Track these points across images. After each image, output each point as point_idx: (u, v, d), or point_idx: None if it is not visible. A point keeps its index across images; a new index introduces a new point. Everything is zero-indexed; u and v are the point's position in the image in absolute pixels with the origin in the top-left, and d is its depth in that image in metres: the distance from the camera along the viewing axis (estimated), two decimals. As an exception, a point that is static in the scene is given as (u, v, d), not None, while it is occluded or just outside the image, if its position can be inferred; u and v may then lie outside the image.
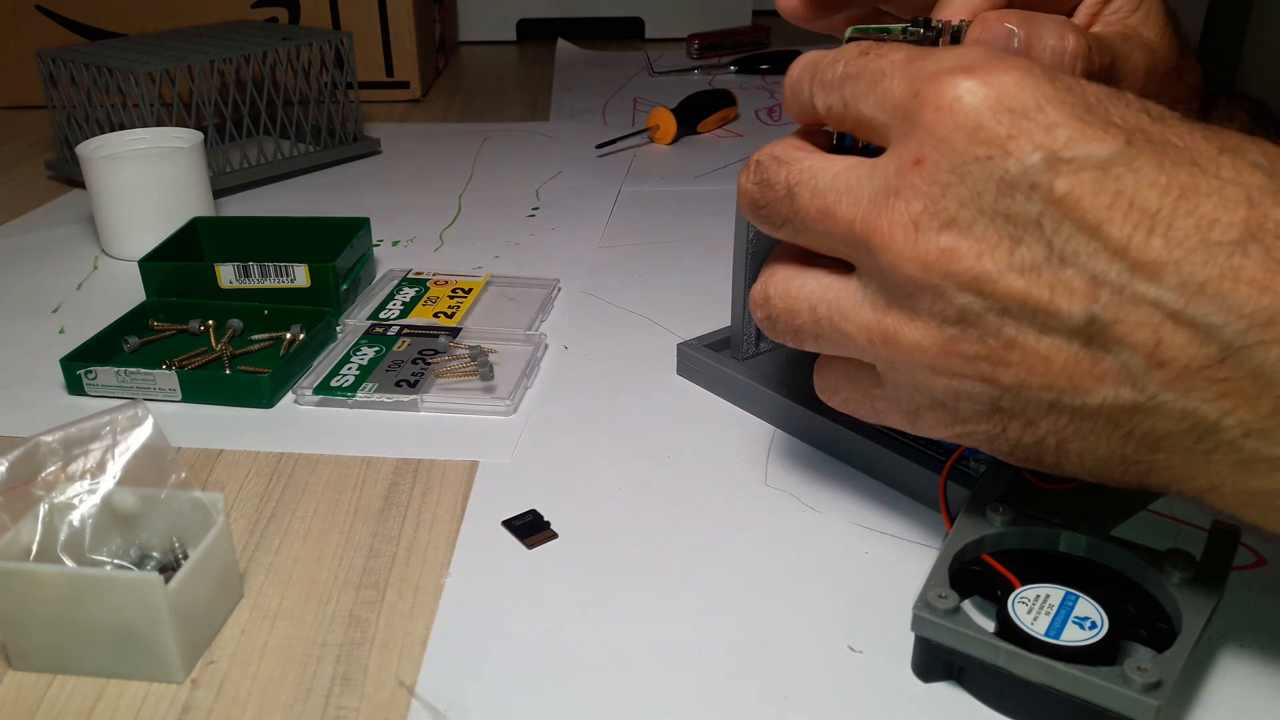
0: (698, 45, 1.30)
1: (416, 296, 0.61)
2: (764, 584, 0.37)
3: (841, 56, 0.31)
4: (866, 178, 0.29)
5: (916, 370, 0.30)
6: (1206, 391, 0.26)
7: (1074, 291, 0.26)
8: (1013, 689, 0.31)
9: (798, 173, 0.32)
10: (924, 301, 0.28)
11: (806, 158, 0.32)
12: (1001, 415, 0.29)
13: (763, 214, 0.33)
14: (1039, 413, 0.29)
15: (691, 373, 0.52)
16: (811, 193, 0.31)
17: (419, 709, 0.32)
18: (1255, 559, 0.38)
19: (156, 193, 0.68)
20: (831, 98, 0.31)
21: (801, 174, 0.31)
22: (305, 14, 1.09)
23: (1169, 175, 0.26)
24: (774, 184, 0.32)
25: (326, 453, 0.46)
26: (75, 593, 0.32)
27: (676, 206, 0.78)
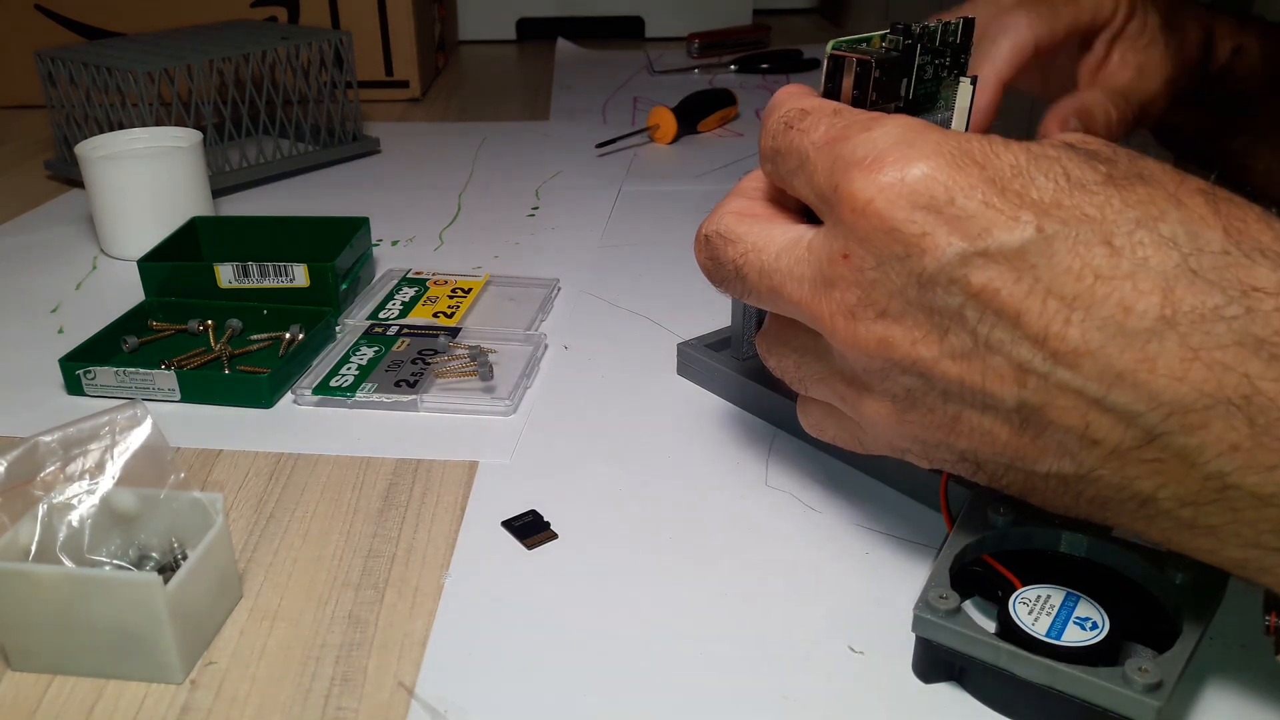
0: (698, 44, 1.29)
1: (416, 296, 0.61)
2: (764, 584, 0.37)
3: (769, 128, 0.33)
4: (805, 262, 0.31)
5: (887, 437, 0.32)
6: (1138, 469, 0.27)
7: (1003, 377, 0.27)
8: (1014, 690, 0.31)
9: (742, 252, 0.33)
10: (874, 380, 0.30)
11: (749, 233, 0.33)
12: (969, 464, 0.31)
13: (722, 287, 0.35)
14: (999, 470, 0.30)
15: (691, 373, 0.52)
16: (759, 273, 0.33)
17: (418, 709, 0.32)
18: (1256, 559, 0.38)
19: (155, 192, 0.68)
20: (768, 167, 0.33)
21: (746, 254, 0.33)
22: (304, 13, 1.09)
23: (1083, 260, 0.26)
24: (723, 263, 0.34)
25: (326, 453, 0.46)
26: (74, 593, 0.32)
27: (676, 206, 0.78)
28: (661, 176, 0.86)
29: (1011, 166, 0.27)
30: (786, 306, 0.32)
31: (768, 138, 0.33)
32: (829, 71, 0.36)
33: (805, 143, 0.31)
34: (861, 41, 0.36)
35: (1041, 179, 0.27)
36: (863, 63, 0.35)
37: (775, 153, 0.32)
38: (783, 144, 0.32)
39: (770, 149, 0.33)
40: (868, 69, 0.35)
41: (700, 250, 0.35)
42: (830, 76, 0.36)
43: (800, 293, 0.31)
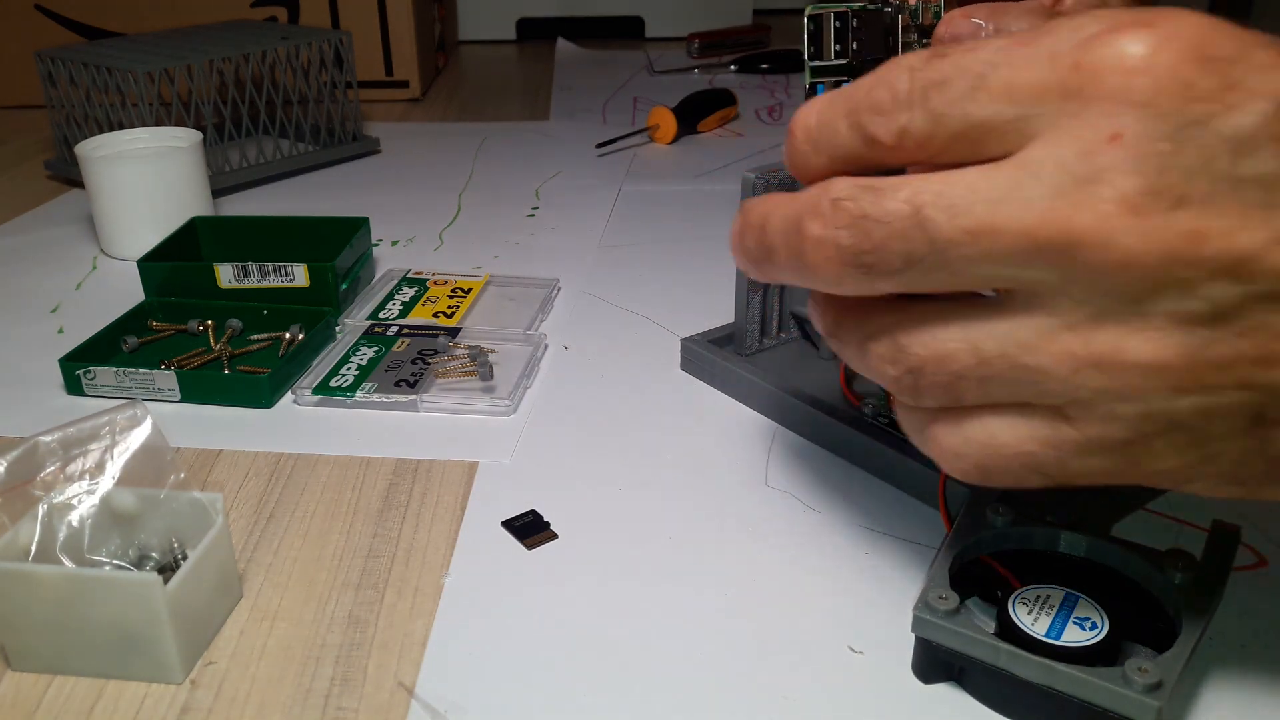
0: (698, 44, 1.29)
1: (416, 296, 0.61)
2: (764, 584, 0.37)
3: (895, 72, 0.25)
4: (1024, 179, 0.23)
5: (1149, 395, 0.24)
6: None
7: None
8: (1013, 690, 0.31)
9: (914, 193, 0.25)
10: (1162, 303, 0.23)
11: (915, 178, 0.25)
12: (1264, 427, 0.24)
13: (868, 262, 0.25)
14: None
15: (694, 368, 0.52)
16: (950, 213, 0.24)
17: (418, 710, 0.32)
18: (1255, 559, 0.38)
19: (155, 192, 0.68)
20: (908, 117, 0.25)
21: (924, 194, 0.25)
22: (304, 13, 1.09)
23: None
24: (884, 217, 0.25)
25: (326, 453, 0.46)
26: (74, 593, 0.32)
27: (676, 206, 0.78)
28: (661, 176, 0.86)
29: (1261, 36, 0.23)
30: (998, 244, 0.24)
31: (892, 88, 0.25)
32: (810, 34, 0.36)
33: (983, 54, 0.24)
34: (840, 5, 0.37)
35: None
36: (840, 15, 0.36)
37: (929, 88, 0.25)
38: (941, 72, 0.25)
39: (912, 91, 0.25)
40: (846, 19, 0.36)
41: (826, 223, 0.26)
42: (812, 39, 0.36)
43: (1026, 215, 0.23)
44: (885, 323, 0.27)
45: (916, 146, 0.25)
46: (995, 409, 0.27)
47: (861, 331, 0.28)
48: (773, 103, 1.08)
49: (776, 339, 0.52)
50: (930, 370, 0.26)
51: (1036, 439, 0.26)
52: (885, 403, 0.45)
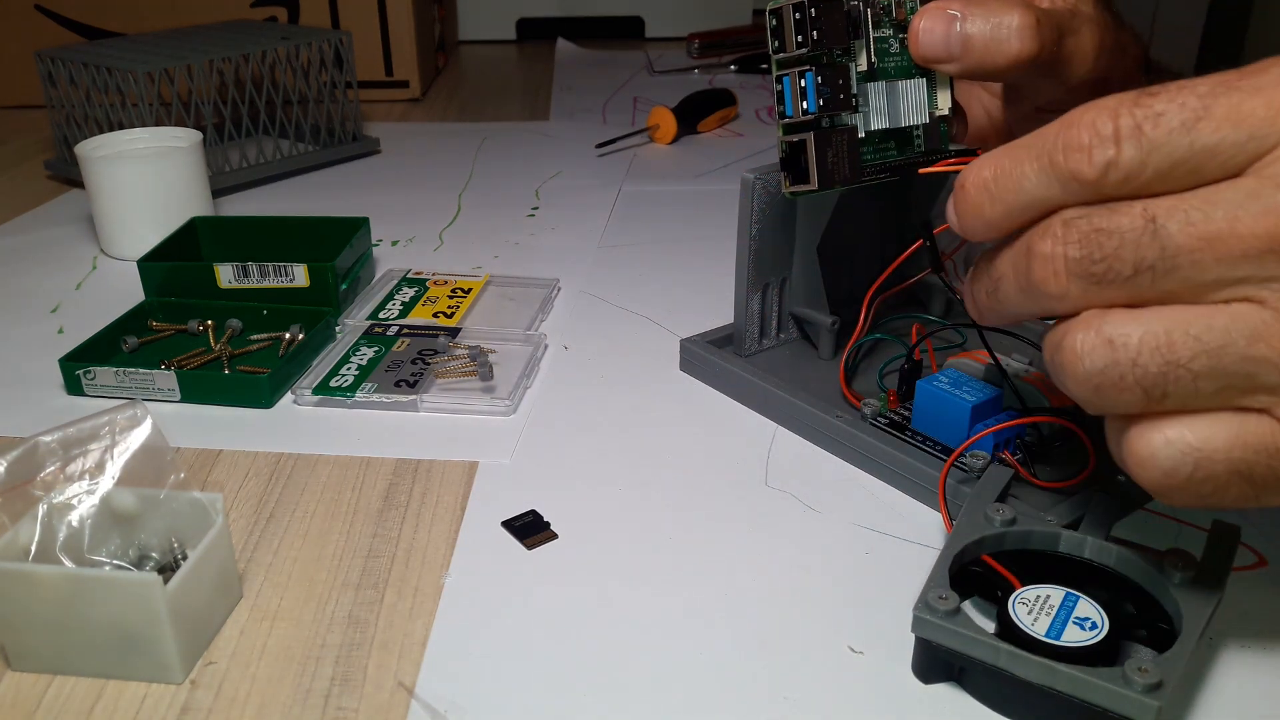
0: (698, 44, 1.29)
1: (416, 296, 0.61)
2: (764, 584, 0.37)
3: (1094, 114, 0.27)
4: (1264, 188, 0.25)
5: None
6: None
7: None
8: (1013, 690, 0.31)
9: (1151, 206, 0.26)
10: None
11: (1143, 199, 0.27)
12: None
13: (1097, 270, 0.27)
14: None
15: (694, 368, 0.52)
16: (1184, 222, 0.26)
17: (418, 710, 0.32)
18: (1256, 559, 0.38)
19: (155, 192, 0.68)
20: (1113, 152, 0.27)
21: (1157, 207, 0.26)
22: (304, 13, 1.09)
23: None
24: (1116, 228, 0.27)
25: (326, 453, 0.46)
26: (74, 593, 0.32)
27: (676, 206, 0.78)
28: (661, 176, 0.86)
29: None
30: (1231, 247, 0.25)
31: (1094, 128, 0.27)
32: (773, 29, 0.37)
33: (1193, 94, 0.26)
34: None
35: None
36: (798, 5, 0.36)
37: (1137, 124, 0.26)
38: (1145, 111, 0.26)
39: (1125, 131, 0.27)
40: (803, 9, 0.36)
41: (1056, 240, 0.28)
42: (775, 34, 0.36)
43: (1267, 217, 0.25)
44: (1079, 323, 0.28)
45: (1122, 180, 0.27)
46: (1203, 412, 0.27)
47: (1061, 330, 0.28)
48: (772, 103, 1.08)
49: (776, 339, 0.52)
50: (1146, 359, 0.27)
51: (1251, 442, 0.26)
52: (885, 403, 0.45)
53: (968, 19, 0.36)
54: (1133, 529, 0.40)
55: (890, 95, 0.40)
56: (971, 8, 0.36)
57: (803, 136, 0.37)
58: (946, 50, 0.37)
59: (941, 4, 0.36)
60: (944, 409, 0.42)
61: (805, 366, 0.50)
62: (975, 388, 0.42)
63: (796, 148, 0.38)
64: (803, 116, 0.37)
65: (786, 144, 0.38)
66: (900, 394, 0.45)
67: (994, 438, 0.40)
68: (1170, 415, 0.27)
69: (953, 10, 0.36)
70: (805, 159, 0.38)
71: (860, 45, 0.38)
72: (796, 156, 0.38)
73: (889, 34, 0.39)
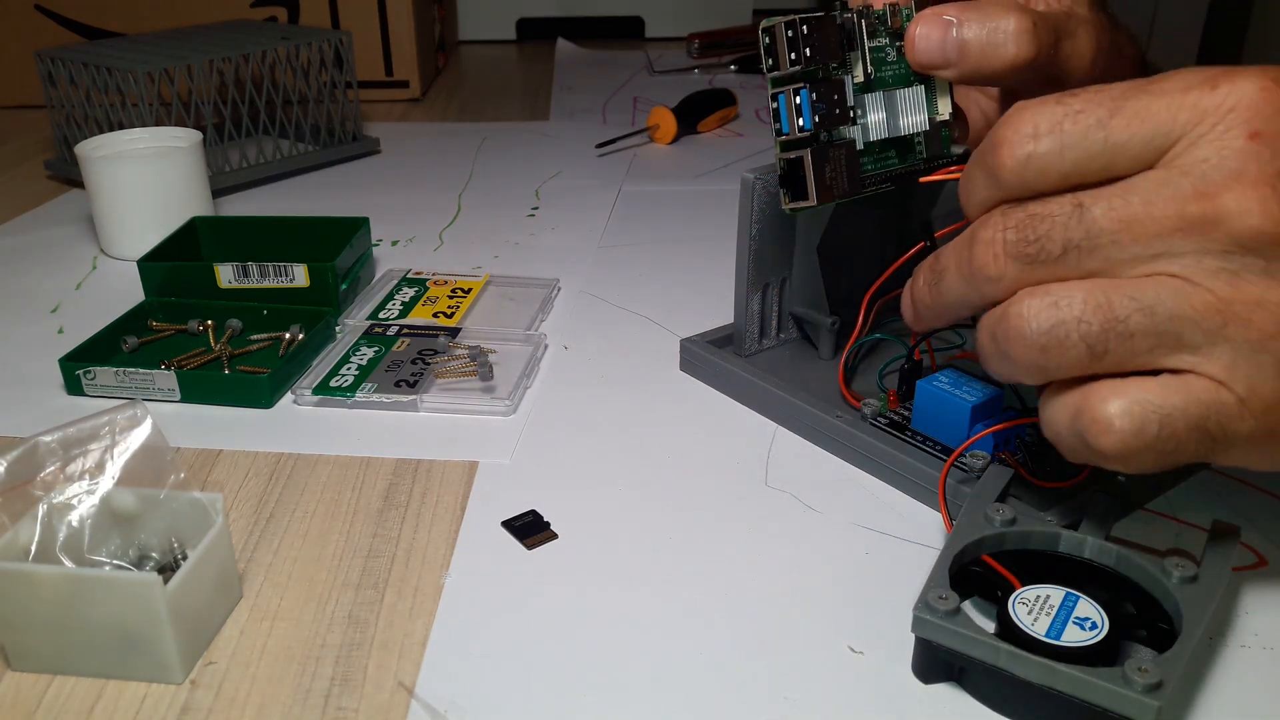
0: (698, 44, 1.29)
1: (416, 296, 0.61)
2: (764, 584, 0.37)
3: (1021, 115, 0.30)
4: (1173, 176, 0.29)
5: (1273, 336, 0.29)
6: None
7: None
8: (1013, 690, 0.31)
9: (1079, 194, 0.30)
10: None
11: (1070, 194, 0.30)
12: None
13: (1030, 251, 0.31)
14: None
15: (694, 368, 0.52)
16: (1106, 206, 0.30)
17: (418, 710, 0.32)
18: (1255, 559, 0.38)
19: (155, 192, 0.68)
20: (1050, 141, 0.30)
21: (1084, 194, 0.30)
22: (304, 13, 1.09)
23: None
24: (1047, 213, 0.30)
25: (326, 453, 0.46)
26: (74, 593, 0.32)
27: (676, 206, 0.78)
28: (661, 176, 0.86)
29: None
30: (1148, 227, 0.29)
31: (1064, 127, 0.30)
32: (766, 47, 0.37)
33: (1107, 95, 0.30)
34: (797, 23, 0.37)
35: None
36: (789, 23, 0.36)
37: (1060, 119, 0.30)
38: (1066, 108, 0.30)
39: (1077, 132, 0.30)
40: (796, 27, 0.36)
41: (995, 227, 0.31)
42: (769, 52, 0.36)
43: (1178, 202, 0.29)
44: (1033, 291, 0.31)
45: (1041, 170, 0.30)
46: (1144, 375, 0.30)
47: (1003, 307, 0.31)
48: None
49: (776, 339, 0.52)
50: (1087, 316, 0.30)
51: (1203, 398, 0.29)
52: (885, 403, 0.45)
53: (963, 24, 0.36)
54: (1133, 529, 0.40)
55: (889, 104, 0.40)
56: (967, 13, 0.36)
57: (800, 153, 0.37)
58: (943, 56, 0.37)
59: (937, 10, 0.37)
60: (944, 409, 0.42)
61: (805, 366, 0.50)
62: (975, 388, 0.42)
63: (794, 164, 0.38)
64: (799, 134, 0.37)
65: (784, 161, 0.38)
66: (900, 394, 0.45)
67: (994, 438, 0.40)
68: (1119, 380, 0.30)
69: (948, 16, 0.36)
70: (803, 175, 0.38)
71: (856, 57, 0.38)
72: (795, 173, 0.38)
73: (885, 43, 0.39)
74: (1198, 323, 0.29)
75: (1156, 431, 0.29)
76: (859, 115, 0.39)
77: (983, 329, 0.33)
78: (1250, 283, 0.28)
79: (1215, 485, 0.43)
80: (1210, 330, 0.29)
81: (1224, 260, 0.29)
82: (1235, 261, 0.28)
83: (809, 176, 0.37)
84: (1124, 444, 0.30)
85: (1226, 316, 0.29)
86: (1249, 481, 0.43)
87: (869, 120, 0.39)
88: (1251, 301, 0.28)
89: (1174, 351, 0.29)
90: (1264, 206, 0.28)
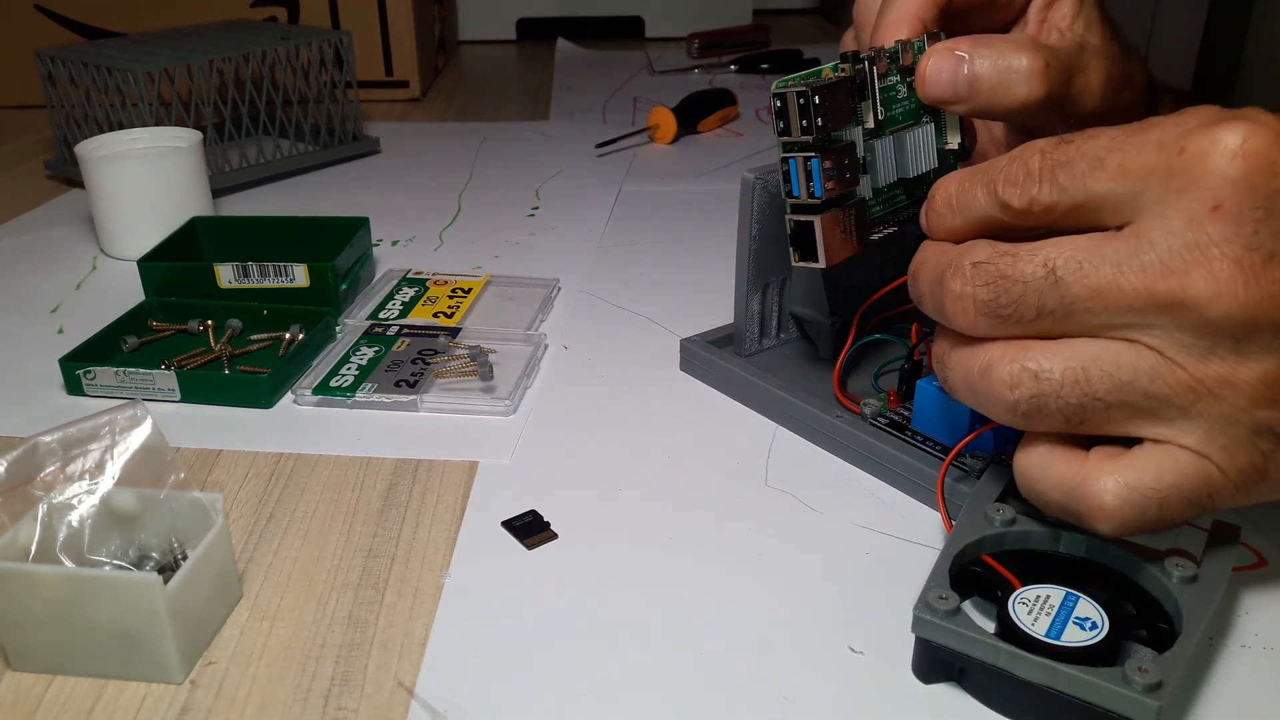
0: (698, 44, 1.29)
1: (416, 296, 0.61)
2: (764, 584, 0.37)
3: (1028, 154, 0.31)
4: (1141, 247, 0.29)
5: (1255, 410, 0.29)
6: None
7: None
8: (1013, 690, 0.31)
9: (1052, 258, 0.30)
10: (1260, 340, 0.28)
11: (1046, 243, 0.30)
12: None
13: (1004, 313, 0.31)
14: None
15: (694, 368, 0.52)
16: (1078, 275, 0.29)
17: (418, 710, 0.32)
18: (1255, 559, 0.38)
19: (155, 192, 0.68)
20: (1036, 190, 0.30)
21: (1057, 259, 0.30)
22: (304, 13, 1.09)
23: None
24: (1020, 276, 0.30)
25: (326, 453, 0.46)
26: (74, 593, 0.32)
27: (676, 206, 0.78)
28: (661, 176, 0.86)
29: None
30: (1119, 299, 0.29)
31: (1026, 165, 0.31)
32: (776, 111, 0.36)
33: (1099, 142, 0.30)
34: (811, 76, 0.36)
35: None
36: (800, 93, 0.35)
37: (1056, 168, 0.30)
38: (1066, 155, 0.30)
39: (1041, 170, 0.30)
40: (808, 98, 0.35)
41: (965, 280, 0.31)
42: (779, 115, 0.36)
43: (1145, 276, 0.28)
44: (1009, 351, 0.31)
45: (1042, 212, 0.31)
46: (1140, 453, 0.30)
47: (982, 359, 0.32)
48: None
49: (776, 339, 0.52)
50: (1067, 391, 0.30)
51: (1191, 472, 0.30)
52: (885, 403, 0.45)
53: (975, 60, 0.36)
54: (1133, 529, 0.40)
55: (898, 148, 0.39)
56: (979, 48, 0.36)
57: (811, 219, 0.37)
58: (954, 92, 0.37)
59: (949, 44, 0.36)
60: (944, 409, 0.42)
61: (805, 366, 0.50)
62: (975, 388, 0.42)
63: (805, 228, 0.37)
64: (810, 199, 0.37)
65: (794, 222, 0.38)
66: (900, 394, 0.45)
67: (994, 437, 0.40)
68: (1111, 459, 0.31)
69: (961, 51, 0.36)
70: (814, 239, 0.37)
71: (867, 106, 0.38)
72: (805, 235, 0.38)
73: (895, 80, 0.38)
74: (1171, 399, 0.29)
75: (1156, 514, 0.30)
76: (869, 161, 0.39)
77: (956, 373, 0.33)
78: (1221, 359, 0.29)
79: (1215, 485, 0.42)
80: (1183, 406, 0.29)
81: (1195, 338, 0.29)
82: (1206, 339, 0.29)
83: (819, 241, 0.37)
84: (1124, 528, 0.31)
85: (1198, 393, 0.29)
86: (1249, 481, 0.43)
87: (878, 166, 0.39)
88: (1221, 379, 0.29)
89: (1150, 423, 0.30)
90: (1231, 290, 0.28)
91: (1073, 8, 0.41)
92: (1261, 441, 0.29)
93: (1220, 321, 0.28)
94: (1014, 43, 0.36)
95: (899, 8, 0.40)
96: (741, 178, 0.46)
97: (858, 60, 0.37)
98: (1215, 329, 0.28)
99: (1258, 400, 0.29)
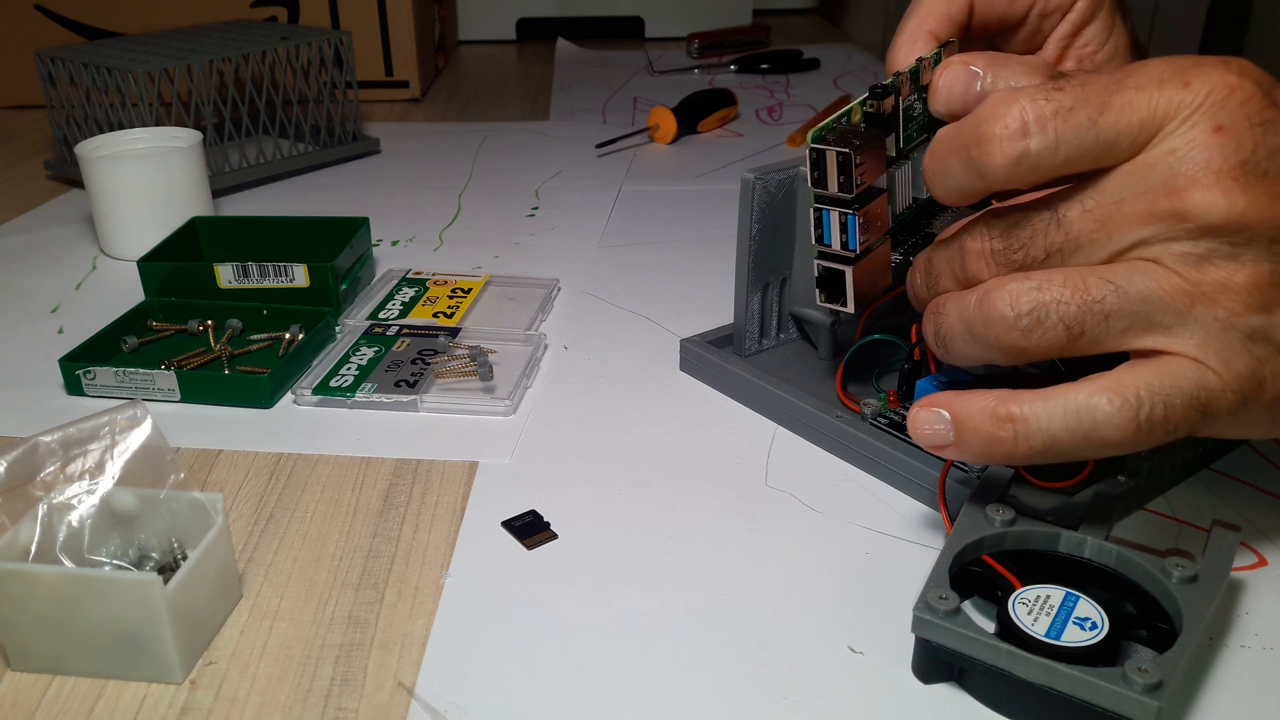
0: (698, 44, 1.30)
1: (416, 296, 0.61)
2: (764, 584, 0.37)
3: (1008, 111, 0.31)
4: (1144, 171, 0.30)
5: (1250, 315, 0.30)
6: None
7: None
8: (1013, 690, 0.31)
9: (1053, 200, 0.32)
10: (1254, 248, 0.30)
11: (1051, 191, 0.32)
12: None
13: (1016, 258, 0.33)
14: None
15: (694, 369, 0.52)
16: (1081, 211, 0.31)
17: (418, 710, 0.32)
18: (1255, 559, 0.38)
19: (155, 192, 0.68)
20: (1042, 140, 0.31)
21: (1058, 200, 0.32)
22: (304, 13, 1.09)
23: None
24: (1029, 222, 0.32)
25: (326, 453, 0.46)
26: (74, 593, 0.32)
27: (676, 206, 0.78)
28: (661, 176, 0.86)
29: None
30: (1121, 225, 0.31)
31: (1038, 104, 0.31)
32: (813, 162, 0.36)
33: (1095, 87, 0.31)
34: (842, 118, 0.36)
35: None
36: (842, 154, 0.35)
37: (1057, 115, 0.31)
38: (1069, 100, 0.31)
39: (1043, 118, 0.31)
40: (848, 158, 0.35)
41: (981, 238, 0.33)
42: (815, 166, 0.36)
43: (1148, 198, 0.30)
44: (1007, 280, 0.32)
45: (1033, 167, 0.31)
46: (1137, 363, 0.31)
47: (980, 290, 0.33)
48: (773, 103, 1.08)
49: (776, 339, 0.52)
50: (1066, 298, 0.31)
51: (1195, 378, 0.31)
52: (885, 403, 0.45)
53: (988, 77, 0.36)
54: (1133, 529, 0.40)
55: (915, 172, 0.39)
56: (995, 67, 0.36)
57: (843, 269, 0.37)
58: (965, 106, 0.37)
59: (965, 58, 0.37)
60: (944, 409, 0.42)
61: (805, 366, 0.50)
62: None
63: (836, 276, 0.37)
64: (843, 250, 0.37)
65: (824, 268, 0.38)
66: (900, 394, 0.45)
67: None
68: (1105, 378, 0.31)
69: (975, 67, 0.37)
70: (844, 287, 0.37)
71: (892, 140, 0.38)
72: (834, 281, 0.38)
73: (914, 99, 0.38)
74: (1167, 304, 0.31)
75: (1164, 414, 0.31)
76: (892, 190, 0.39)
77: (951, 315, 0.34)
78: (1217, 266, 0.30)
79: (1215, 485, 0.43)
80: (1180, 311, 0.30)
81: (1191, 246, 0.30)
82: (1202, 247, 0.30)
83: (849, 291, 0.37)
84: (1135, 432, 0.31)
85: (1194, 298, 0.30)
86: (1249, 482, 0.43)
87: (897, 192, 0.39)
88: (1218, 284, 0.30)
89: (1147, 332, 0.31)
90: (1228, 198, 0.29)
91: (1099, 37, 0.42)
92: (1256, 348, 0.31)
93: (1217, 228, 0.30)
94: (1028, 64, 0.36)
95: (911, 24, 0.40)
96: (741, 178, 0.46)
97: (885, 94, 0.37)
98: (1212, 235, 0.30)
99: (1250, 305, 0.30)
